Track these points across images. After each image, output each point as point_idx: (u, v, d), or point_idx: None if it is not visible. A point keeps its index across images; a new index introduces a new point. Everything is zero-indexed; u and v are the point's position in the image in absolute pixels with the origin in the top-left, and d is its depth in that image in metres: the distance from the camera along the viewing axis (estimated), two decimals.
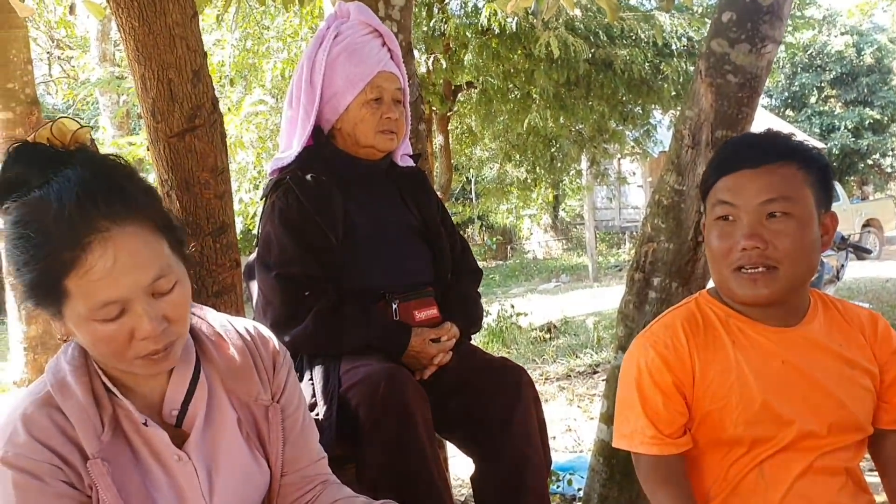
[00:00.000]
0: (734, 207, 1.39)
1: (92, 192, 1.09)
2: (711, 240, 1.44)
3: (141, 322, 1.11)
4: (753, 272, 1.39)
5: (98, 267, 1.07)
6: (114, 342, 1.12)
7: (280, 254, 2.05)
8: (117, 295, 1.09)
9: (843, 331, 1.50)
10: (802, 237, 1.38)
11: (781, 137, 1.46)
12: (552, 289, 14.34)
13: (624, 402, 1.51)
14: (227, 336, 1.32)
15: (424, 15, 7.21)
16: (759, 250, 1.37)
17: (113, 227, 1.09)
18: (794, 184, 1.38)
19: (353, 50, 2.12)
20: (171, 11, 1.75)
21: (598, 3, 3.64)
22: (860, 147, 25.28)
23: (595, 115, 7.93)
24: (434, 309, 2.18)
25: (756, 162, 1.38)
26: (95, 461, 1.16)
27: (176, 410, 1.24)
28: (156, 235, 1.14)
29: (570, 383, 5.94)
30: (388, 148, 2.19)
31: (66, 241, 1.07)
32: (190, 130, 1.83)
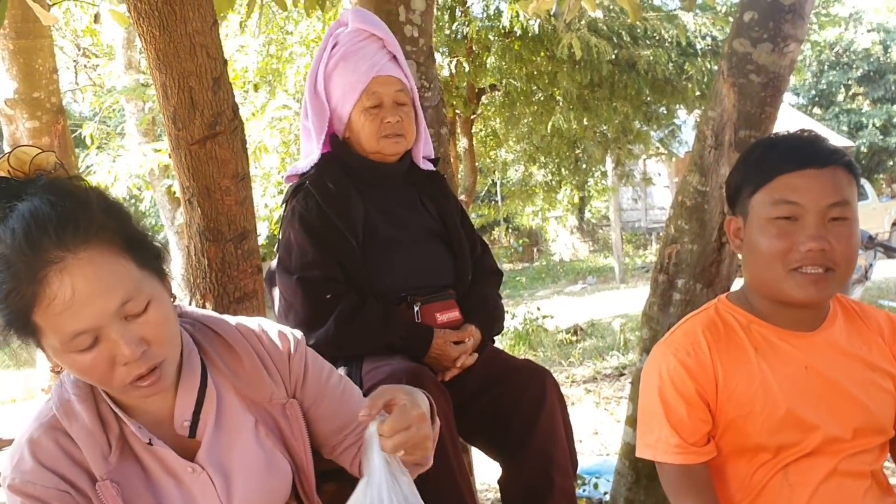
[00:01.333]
0: (799, 207, 1.36)
1: (42, 222, 1.04)
2: (765, 241, 1.39)
3: (118, 347, 1.08)
4: (815, 273, 1.37)
5: (58, 300, 1.03)
6: (95, 371, 1.09)
7: (301, 258, 2.07)
8: (84, 325, 1.05)
9: (862, 334, 1.49)
10: (855, 241, 1.39)
11: (829, 141, 1.44)
12: (579, 291, 14.27)
13: (647, 411, 1.49)
14: (231, 341, 1.30)
15: (447, 18, 7.22)
16: (824, 252, 1.35)
17: (67, 255, 1.04)
18: (849, 186, 1.38)
19: (348, 58, 2.14)
20: (191, 20, 1.76)
21: (620, 4, 3.62)
22: (889, 145, 24.89)
23: (619, 116, 7.88)
24: (456, 311, 2.18)
25: (823, 162, 1.36)
26: (105, 483, 1.15)
27: (188, 422, 1.23)
28: (119, 257, 1.09)
29: (596, 386, 5.90)
30: (395, 151, 2.17)
31: (25, 276, 1.03)
32: (211, 137, 1.84)
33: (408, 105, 2.17)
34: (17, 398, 8.00)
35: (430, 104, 2.86)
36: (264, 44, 6.87)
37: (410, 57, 2.80)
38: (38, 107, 3.81)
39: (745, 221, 1.45)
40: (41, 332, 1.07)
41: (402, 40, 2.76)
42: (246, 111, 6.47)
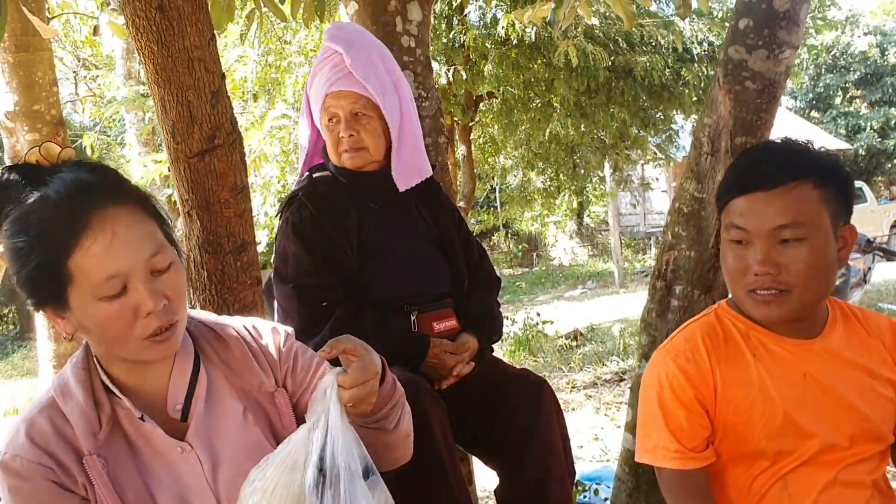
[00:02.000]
0: (746, 232, 1.37)
1: (86, 181, 1.17)
2: (726, 260, 1.42)
3: (143, 297, 1.16)
4: (766, 294, 1.38)
5: (99, 241, 1.13)
6: (118, 321, 1.17)
7: (296, 266, 2.08)
8: (118, 268, 1.15)
9: (863, 340, 1.49)
10: (816, 259, 1.36)
11: (798, 152, 1.40)
12: (578, 295, 14.28)
13: (646, 417, 1.50)
14: (222, 332, 1.37)
15: (444, 27, 7.25)
16: (771, 276, 1.35)
17: (108, 205, 1.16)
18: (808, 206, 1.34)
19: (315, 76, 2.18)
20: (189, 34, 1.78)
21: (615, 11, 3.64)
22: (886, 147, 24.91)
23: (616, 122, 7.90)
24: (453, 320, 2.19)
25: (769, 184, 1.34)
26: (91, 457, 1.20)
27: (180, 405, 1.28)
28: (147, 217, 1.21)
29: (596, 391, 5.91)
30: (355, 165, 2.17)
31: (66, 222, 1.13)
32: (209, 150, 1.86)
33: (368, 116, 2.14)
34: (19, 409, 7.99)
35: (428, 114, 2.88)
36: (263, 54, 6.89)
37: (408, 67, 2.81)
38: (38, 119, 3.83)
39: None
40: (72, 280, 1.15)
41: (400, 51, 2.78)
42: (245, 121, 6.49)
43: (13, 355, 13.88)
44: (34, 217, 1.15)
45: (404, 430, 1.43)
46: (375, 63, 2.18)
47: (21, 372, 11.73)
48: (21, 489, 1.18)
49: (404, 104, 2.22)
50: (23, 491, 1.18)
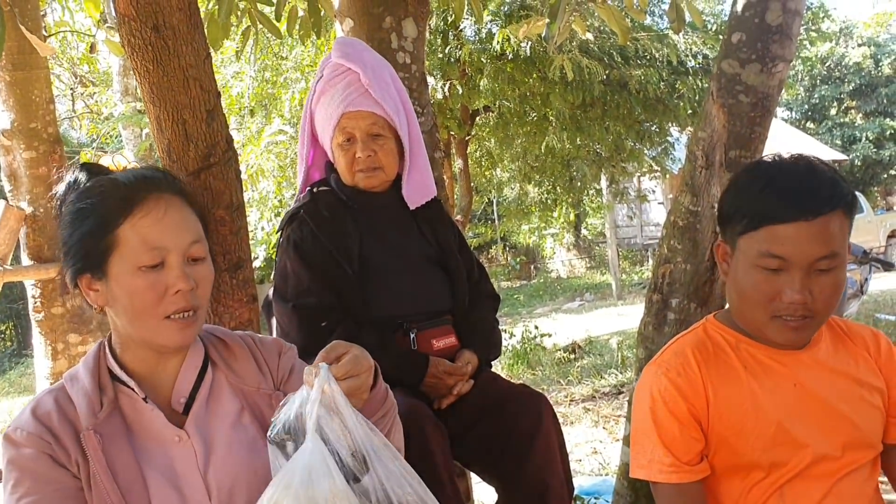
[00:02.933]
0: (785, 261, 1.34)
1: (151, 174, 1.35)
2: (748, 284, 1.39)
3: (176, 276, 1.28)
4: (795, 321, 1.37)
5: (151, 215, 1.28)
6: (150, 292, 1.27)
7: (296, 285, 2.08)
8: (162, 242, 1.27)
9: (849, 350, 1.50)
10: (840, 285, 1.38)
11: (833, 181, 1.37)
12: (576, 308, 14.27)
13: (640, 432, 1.50)
14: (227, 338, 1.46)
15: (440, 42, 7.28)
16: (805, 304, 1.35)
17: (166, 193, 1.31)
18: (841, 235, 1.35)
19: (325, 93, 2.17)
20: (184, 54, 1.79)
21: (610, 26, 3.66)
22: (882, 157, 25.01)
23: (612, 135, 7.94)
24: (452, 337, 2.19)
25: (813, 214, 1.32)
26: (89, 433, 1.26)
27: (184, 398, 1.36)
28: (194, 214, 1.36)
29: (595, 404, 5.90)
30: (370, 185, 2.17)
31: (126, 195, 1.28)
32: (205, 169, 1.86)
33: (384, 137, 2.15)
34: None
35: (424, 129, 2.88)
36: (259, 69, 6.92)
37: (403, 83, 2.82)
38: (35, 137, 3.83)
39: (733, 253, 1.44)
40: (117, 246, 1.27)
41: (395, 67, 2.78)
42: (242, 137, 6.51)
43: (10, 372, 13.84)
44: (99, 187, 1.31)
45: (395, 443, 1.42)
46: (388, 83, 2.20)
47: (18, 389, 11.69)
48: (16, 459, 1.24)
49: (412, 123, 2.24)
50: (17, 460, 1.24)
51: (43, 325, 3.99)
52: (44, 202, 3.80)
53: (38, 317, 3.98)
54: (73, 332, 4.03)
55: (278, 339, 1.52)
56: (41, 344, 4.05)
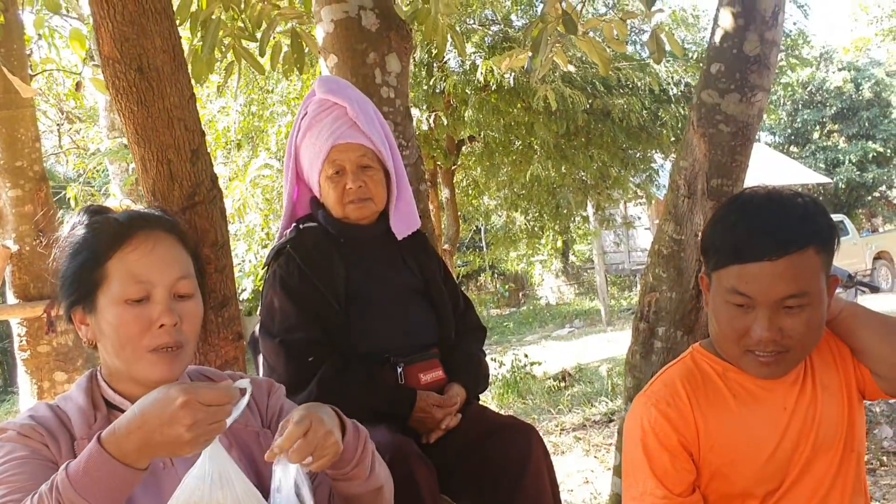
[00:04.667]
0: (751, 299, 1.35)
1: (147, 213, 1.41)
2: (722, 319, 1.40)
3: (160, 310, 1.30)
4: (766, 356, 1.38)
5: (139, 250, 1.31)
6: (133, 325, 1.29)
7: (283, 320, 2.07)
8: (148, 276, 1.30)
9: (824, 358, 1.50)
10: (815, 320, 1.37)
11: (803, 218, 1.37)
12: (566, 335, 14.25)
13: (631, 464, 1.49)
14: (214, 376, 1.48)
15: (425, 74, 7.34)
16: (775, 341, 1.35)
17: (156, 230, 1.35)
18: (812, 273, 1.34)
19: (312, 128, 2.19)
20: (168, 95, 1.80)
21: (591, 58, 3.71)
22: (866, 180, 25.27)
23: (596, 162, 7.99)
24: (439, 370, 2.18)
25: (777, 254, 1.31)
26: (83, 441, 1.26)
27: None
28: (186, 252, 1.39)
29: (586, 433, 5.87)
30: (361, 216, 2.19)
31: (118, 231, 1.32)
32: (190, 208, 1.87)
33: (373, 168, 2.18)
34: None
35: (409, 162, 2.91)
36: (245, 103, 6.95)
37: (388, 117, 2.84)
38: (20, 175, 3.84)
39: (710, 286, 1.45)
40: (107, 279, 1.30)
41: (379, 102, 2.82)
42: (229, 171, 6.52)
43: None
44: (96, 224, 1.35)
45: (381, 478, 1.44)
46: (373, 117, 2.24)
47: None
48: (10, 439, 1.25)
49: (396, 157, 2.27)
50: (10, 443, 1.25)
51: (29, 363, 3.96)
52: (29, 240, 3.79)
53: (23, 355, 3.95)
54: (60, 370, 4.00)
55: (268, 378, 1.52)
56: (27, 382, 4.02)
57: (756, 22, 2.61)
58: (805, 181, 22.63)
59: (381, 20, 2.90)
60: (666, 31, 3.70)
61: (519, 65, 3.81)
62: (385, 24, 2.91)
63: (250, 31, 3.50)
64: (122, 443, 1.12)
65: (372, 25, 2.88)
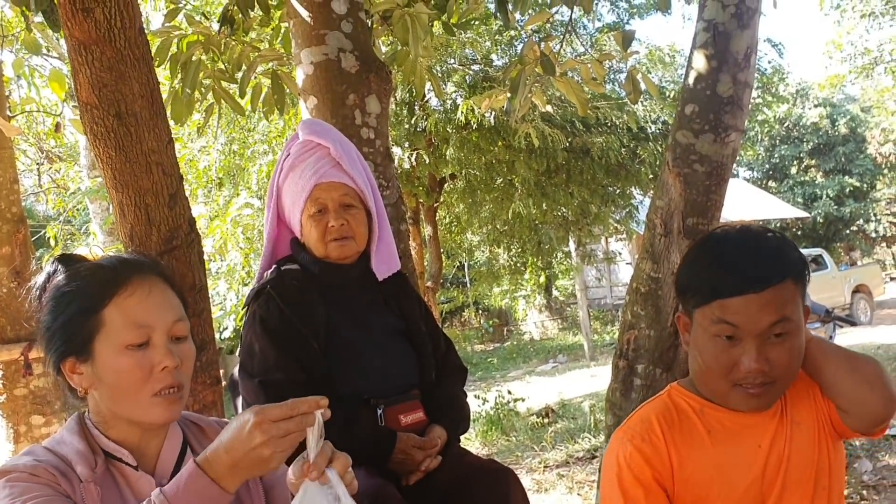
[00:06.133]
0: (738, 329, 1.37)
1: (133, 259, 1.42)
2: (708, 355, 1.42)
3: (162, 353, 1.31)
4: (755, 389, 1.40)
5: (137, 295, 1.32)
6: (137, 372, 1.30)
7: (262, 361, 2.06)
8: (148, 321, 1.31)
9: (797, 395, 1.51)
10: (798, 349, 1.40)
11: (780, 250, 1.42)
12: (550, 370, 14.21)
13: (607, 499, 1.50)
14: (201, 422, 1.51)
15: (406, 113, 7.42)
16: (764, 372, 1.38)
17: (148, 275, 1.36)
18: (793, 301, 1.38)
19: (295, 168, 2.21)
20: (146, 140, 1.81)
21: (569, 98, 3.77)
22: (843, 214, 25.65)
23: (577, 199, 8.07)
24: (420, 412, 2.17)
25: (761, 286, 1.36)
26: (89, 484, 1.27)
27: (166, 480, 1.32)
28: (176, 295, 1.41)
29: (569, 470, 5.83)
30: (343, 255, 2.19)
31: (111, 277, 1.33)
32: (168, 252, 1.87)
33: (356, 208, 2.20)
34: None
35: (390, 202, 2.93)
36: (227, 142, 6.98)
37: (368, 158, 2.87)
38: None
39: (691, 324, 1.47)
40: (103, 327, 1.31)
41: (359, 143, 2.84)
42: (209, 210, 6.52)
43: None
44: (85, 272, 1.35)
45: None
46: (355, 158, 2.26)
47: None
48: (23, 479, 1.22)
49: (377, 198, 2.29)
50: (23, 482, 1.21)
51: (5, 406, 3.89)
52: (7, 282, 3.74)
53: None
54: (37, 413, 3.92)
55: None
56: (3, 426, 3.94)
57: (729, 63, 2.66)
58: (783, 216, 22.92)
59: (360, 62, 2.94)
60: (642, 71, 3.77)
61: (498, 105, 3.86)
62: (364, 66, 2.95)
63: (230, 73, 3.53)
64: (215, 466, 1.19)
65: (352, 67, 2.92)
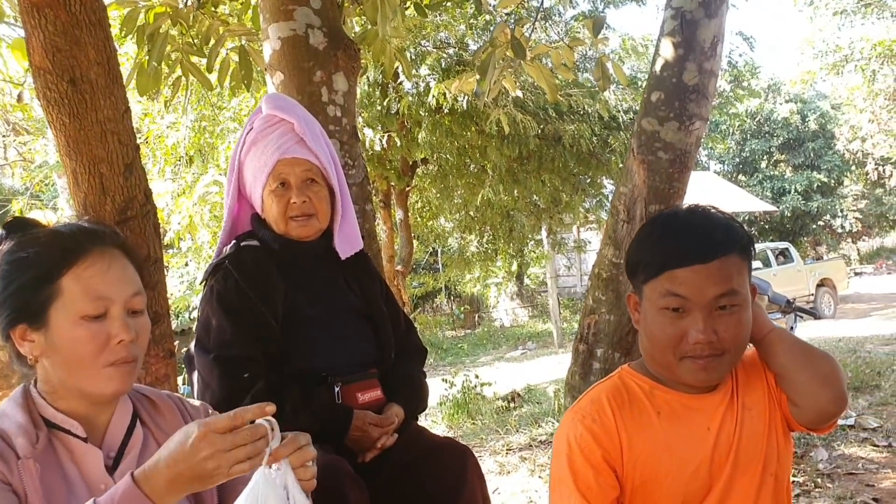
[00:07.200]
0: (686, 300, 1.40)
1: (93, 228, 1.38)
2: (656, 329, 1.45)
3: (119, 326, 1.31)
4: (703, 360, 1.42)
5: (97, 266, 1.31)
6: (92, 342, 1.29)
7: (218, 336, 2.04)
8: (107, 293, 1.31)
9: (749, 376, 1.54)
10: (746, 323, 1.43)
11: (728, 225, 1.46)
12: (518, 356, 14.31)
13: (557, 479, 1.51)
14: (154, 396, 1.49)
15: (378, 94, 7.37)
16: (711, 343, 1.40)
17: (109, 247, 1.35)
18: (738, 273, 1.42)
19: (258, 143, 2.18)
20: (102, 107, 1.77)
21: (539, 84, 3.77)
22: (810, 209, 26.05)
23: (548, 187, 8.09)
24: (378, 390, 2.17)
25: (708, 257, 1.40)
26: (28, 461, 1.25)
27: (113, 453, 1.36)
28: (134, 268, 1.40)
29: (532, 453, 5.87)
30: (304, 234, 2.18)
31: (71, 246, 1.31)
32: (122, 222, 1.84)
33: (318, 185, 2.18)
34: None
35: (355, 181, 2.92)
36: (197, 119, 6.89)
37: (334, 136, 2.85)
38: None
39: (641, 302, 1.50)
40: (60, 295, 1.29)
41: (326, 121, 2.82)
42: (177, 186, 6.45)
43: None
44: (43, 238, 1.33)
45: None
46: (319, 135, 2.24)
47: None
48: None
49: (340, 177, 2.27)
50: None
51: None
52: None
53: None
54: None
55: (204, 403, 1.53)
56: None
57: (695, 52, 2.68)
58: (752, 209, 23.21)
59: (328, 39, 2.91)
60: (612, 59, 3.78)
61: (468, 88, 3.85)
62: (333, 42, 2.92)
63: (198, 47, 3.48)
64: (152, 481, 1.15)
65: (319, 44, 2.90)
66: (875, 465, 4.69)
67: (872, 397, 6.46)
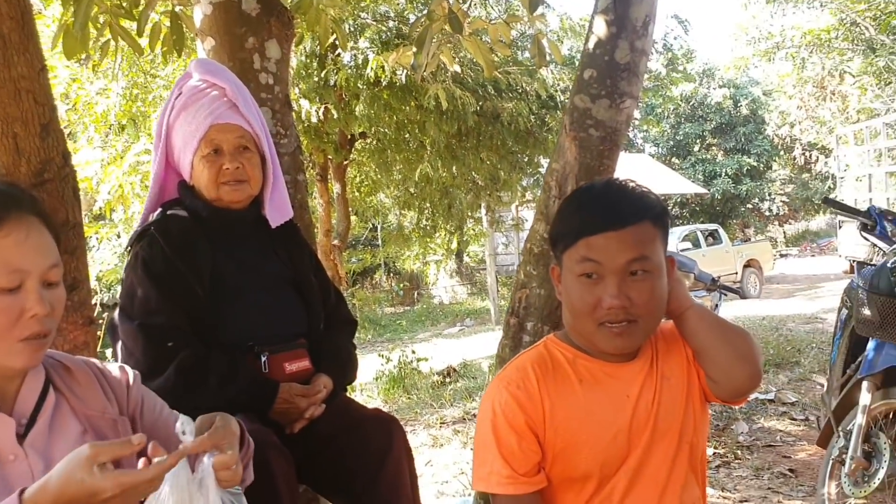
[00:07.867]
0: (599, 265, 1.43)
1: (11, 191, 1.31)
2: (574, 296, 1.48)
3: (34, 300, 1.25)
4: (618, 326, 1.45)
5: (13, 236, 1.24)
6: (4, 316, 1.23)
7: (143, 304, 2.00)
8: (23, 265, 1.24)
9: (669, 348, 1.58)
10: (659, 290, 1.47)
11: (640, 194, 1.51)
12: (456, 333, 14.44)
13: (481, 444, 1.54)
14: (68, 362, 1.44)
15: (316, 66, 7.26)
16: (624, 308, 1.43)
17: (28, 215, 1.28)
18: (651, 241, 1.46)
19: (188, 107, 2.14)
20: (16, 64, 1.70)
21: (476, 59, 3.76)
22: (740, 192, 26.81)
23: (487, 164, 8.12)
24: (306, 361, 2.17)
25: (620, 224, 1.43)
26: None
27: (25, 419, 1.31)
28: (52, 237, 1.33)
29: (465, 426, 5.95)
30: (235, 199, 2.15)
31: None
32: (39, 185, 1.78)
33: (251, 151, 2.16)
34: None
35: (287, 151, 2.87)
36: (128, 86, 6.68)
37: (266, 104, 2.80)
38: None
39: (561, 272, 1.53)
40: None
41: (258, 88, 2.77)
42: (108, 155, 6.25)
43: None
44: None
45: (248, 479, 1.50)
46: (250, 102, 2.21)
47: None
48: None
49: (271, 145, 2.25)
50: None
51: None
52: None
53: None
54: None
55: (122, 366, 1.48)
56: None
57: (627, 30, 2.70)
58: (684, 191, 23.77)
59: (261, 5, 2.85)
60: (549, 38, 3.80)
61: (406, 61, 3.83)
62: (266, 9, 2.86)
63: (128, 10, 3.36)
64: None
65: (252, 10, 2.83)
66: (792, 437, 4.90)
67: (792, 373, 6.73)
